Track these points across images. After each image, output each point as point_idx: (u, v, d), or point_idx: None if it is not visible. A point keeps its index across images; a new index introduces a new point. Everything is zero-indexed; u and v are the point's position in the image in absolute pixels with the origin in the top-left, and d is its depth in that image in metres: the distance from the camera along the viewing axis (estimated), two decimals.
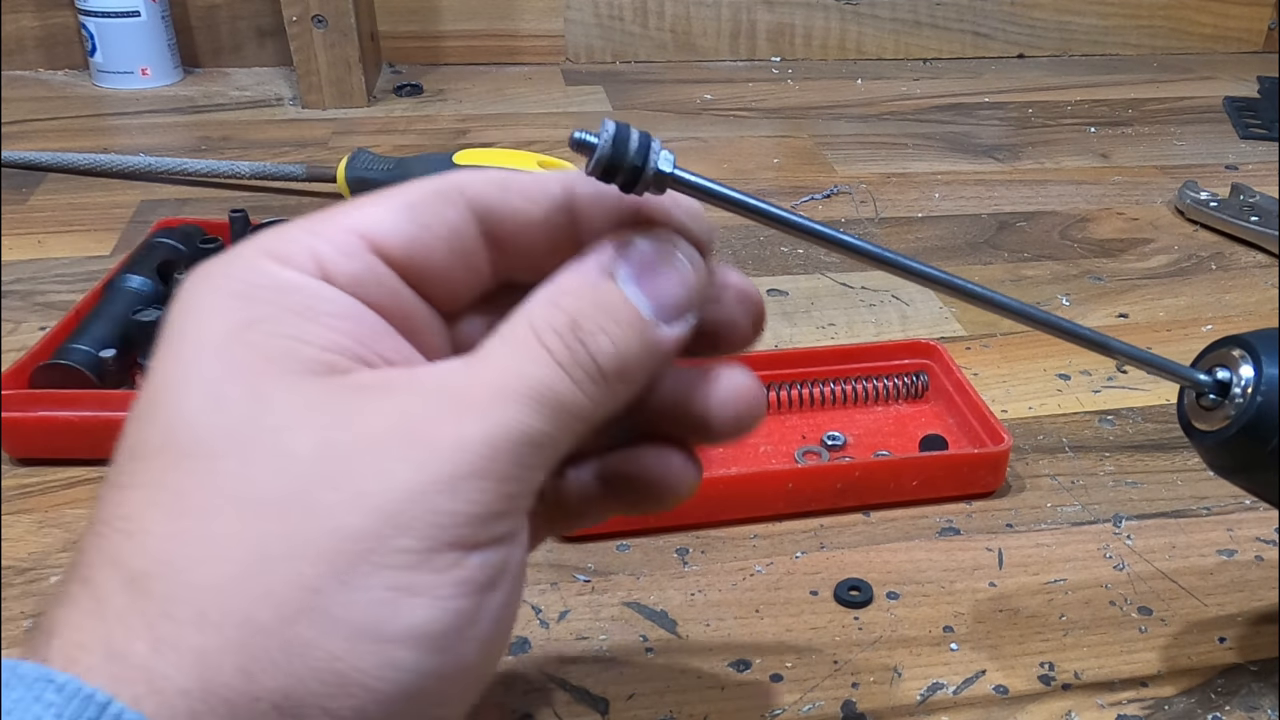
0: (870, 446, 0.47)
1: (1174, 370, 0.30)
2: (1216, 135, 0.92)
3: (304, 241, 0.21)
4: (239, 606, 0.18)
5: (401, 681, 0.19)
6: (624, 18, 1.05)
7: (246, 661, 0.18)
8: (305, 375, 0.20)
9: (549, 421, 0.20)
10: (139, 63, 0.93)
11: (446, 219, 0.22)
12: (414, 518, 0.19)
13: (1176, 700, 0.35)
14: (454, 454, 0.19)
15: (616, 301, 0.22)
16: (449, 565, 0.19)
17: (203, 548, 0.18)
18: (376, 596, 0.18)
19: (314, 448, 0.19)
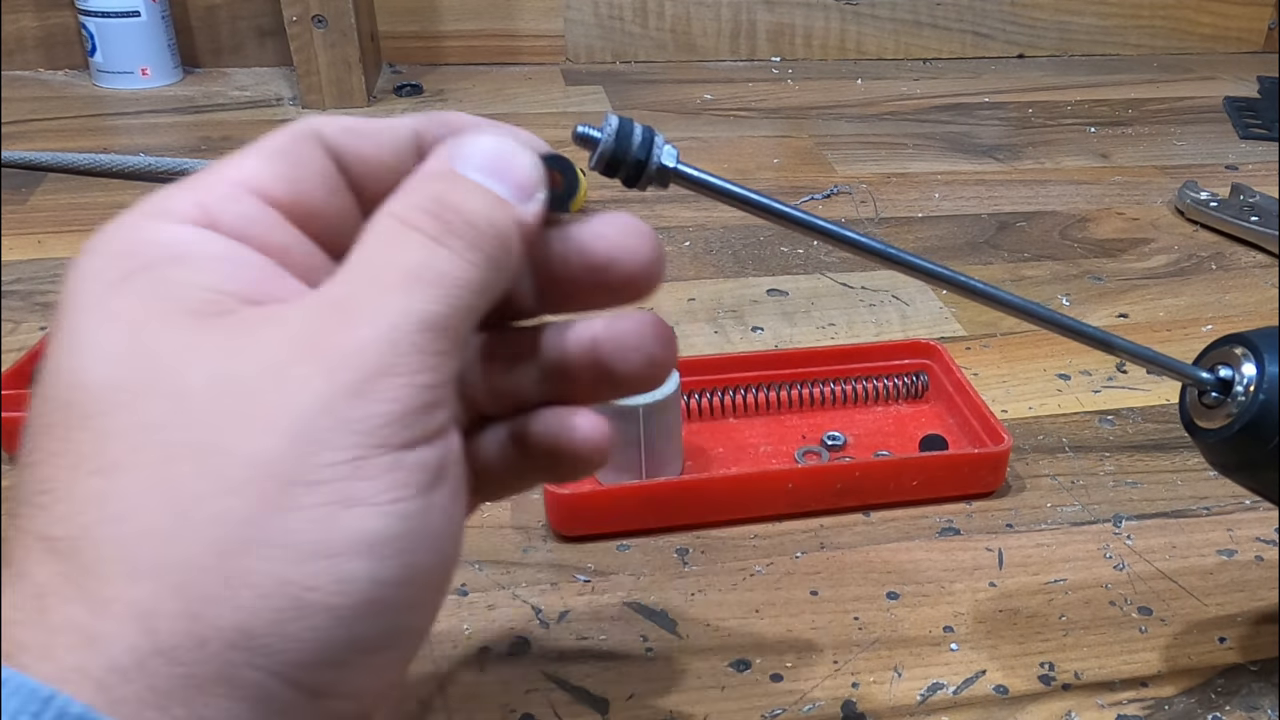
0: (870, 446, 0.47)
1: (1176, 368, 0.30)
2: (1216, 135, 0.92)
3: (185, 196, 0.21)
4: (171, 553, 0.18)
5: (358, 593, 0.18)
6: (624, 18, 1.05)
7: (189, 604, 0.17)
8: (189, 316, 0.19)
9: (441, 301, 0.20)
10: (139, 63, 0.93)
11: (314, 159, 0.22)
12: (331, 430, 0.18)
13: (1176, 700, 0.35)
14: (354, 358, 0.19)
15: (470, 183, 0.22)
16: (385, 469, 0.19)
17: (119, 502, 0.18)
18: (314, 514, 0.18)
19: (209, 382, 0.19)
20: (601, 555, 0.41)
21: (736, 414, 0.49)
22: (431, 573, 0.20)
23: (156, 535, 0.18)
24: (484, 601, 0.38)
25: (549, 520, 0.42)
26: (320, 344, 0.19)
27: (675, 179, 0.23)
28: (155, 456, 0.18)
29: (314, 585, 0.18)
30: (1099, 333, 0.28)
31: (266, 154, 0.22)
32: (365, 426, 0.19)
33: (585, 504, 0.41)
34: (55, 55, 0.98)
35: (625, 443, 0.42)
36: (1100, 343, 0.28)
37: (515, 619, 0.38)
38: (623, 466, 0.43)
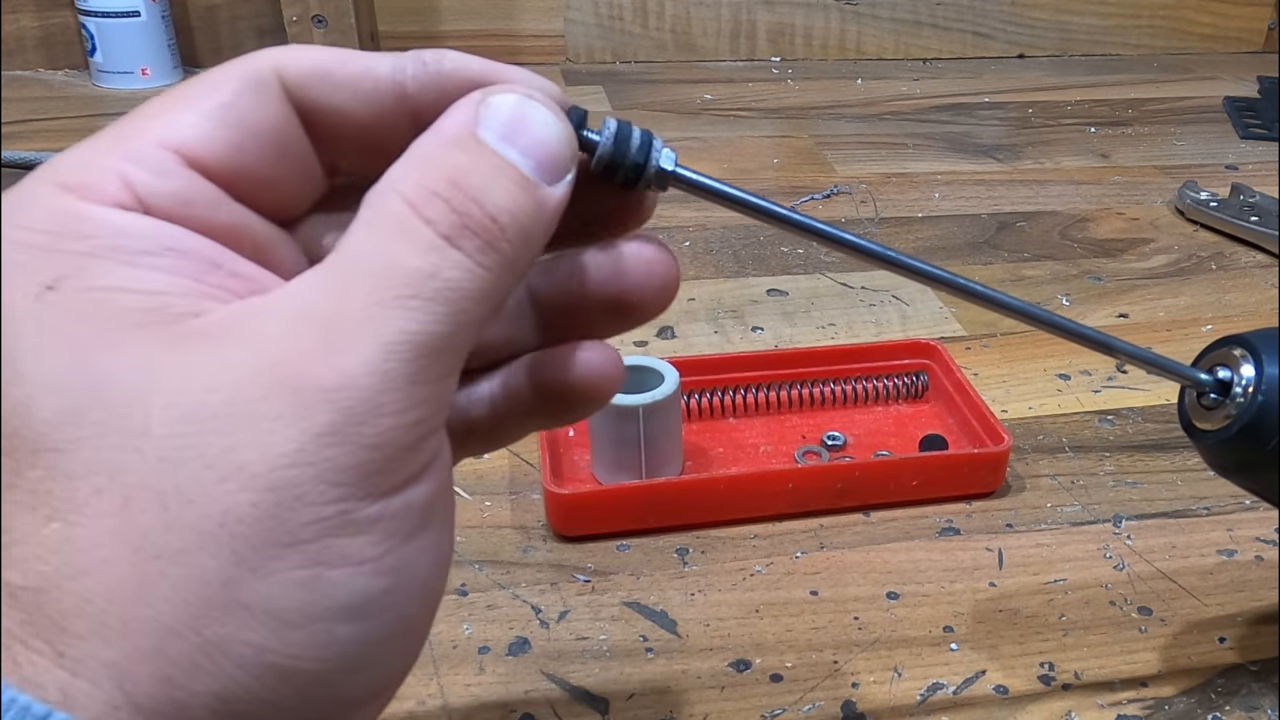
0: (870, 446, 0.47)
1: (1175, 369, 0.30)
2: (1216, 135, 0.92)
3: (109, 166, 0.18)
4: (142, 614, 0.16)
5: (344, 655, 0.17)
6: (624, 18, 1.05)
7: (164, 668, 0.16)
8: (136, 330, 0.17)
9: (444, 320, 0.17)
10: (139, 63, 0.93)
11: (267, 117, 0.19)
12: (310, 481, 0.16)
13: (1176, 700, 0.35)
14: (334, 396, 0.16)
15: (494, 159, 0.19)
16: (371, 521, 0.17)
17: (81, 554, 0.16)
18: (293, 578, 0.16)
19: (169, 419, 0.16)
20: (601, 555, 0.41)
21: (736, 414, 0.49)
22: (418, 615, 0.19)
23: (125, 593, 0.16)
24: (484, 601, 0.38)
25: (549, 520, 0.42)
26: (297, 374, 0.17)
27: (674, 182, 0.23)
28: (117, 504, 0.16)
29: (295, 654, 0.17)
30: (1096, 334, 0.28)
31: (208, 109, 0.19)
32: (349, 477, 0.17)
33: (585, 504, 0.41)
34: (55, 55, 0.98)
35: (625, 443, 0.42)
36: (1098, 344, 0.28)
37: (515, 619, 0.38)
38: (623, 466, 0.43)
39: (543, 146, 0.19)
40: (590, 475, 0.44)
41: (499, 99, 0.19)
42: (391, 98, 0.20)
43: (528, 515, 0.43)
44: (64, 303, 0.17)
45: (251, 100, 0.19)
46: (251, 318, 0.17)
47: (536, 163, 0.19)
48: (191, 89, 0.19)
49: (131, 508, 0.16)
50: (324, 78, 0.20)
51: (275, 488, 0.16)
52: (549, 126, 0.20)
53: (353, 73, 0.20)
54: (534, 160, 0.19)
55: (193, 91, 0.19)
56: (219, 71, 0.19)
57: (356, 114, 0.20)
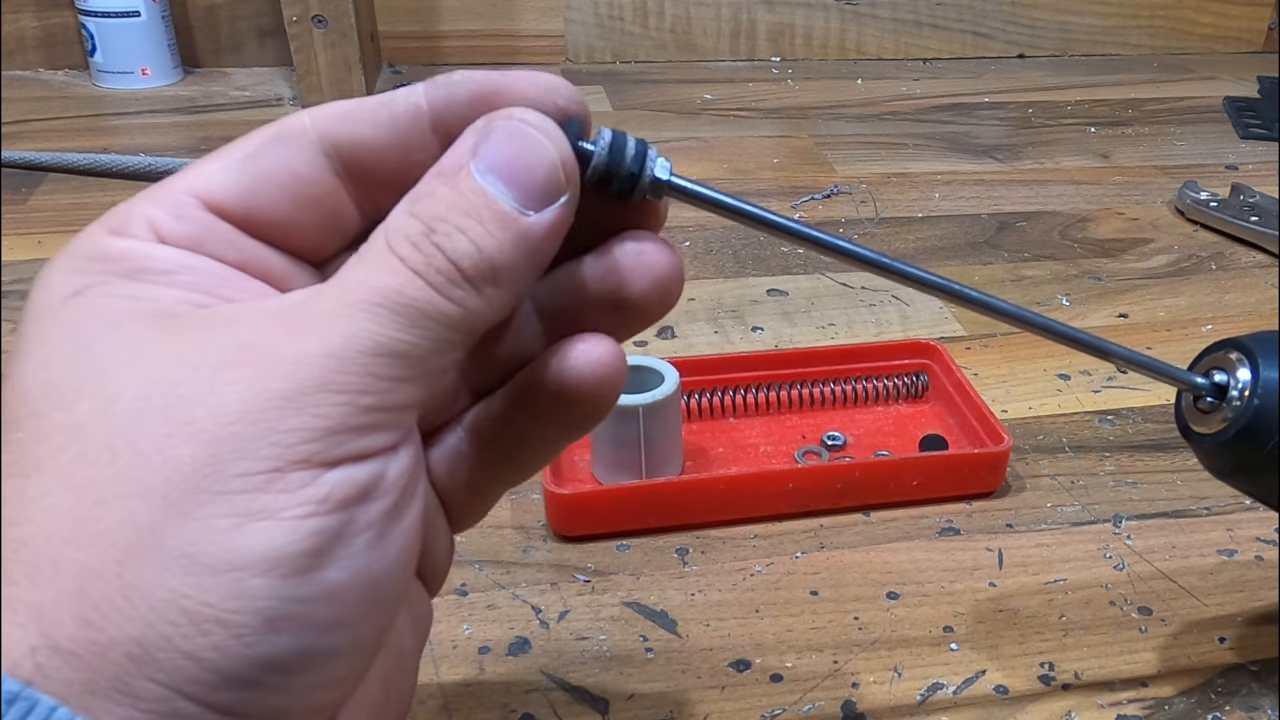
0: (870, 446, 0.47)
1: (1170, 373, 0.30)
2: (1216, 135, 0.92)
3: (139, 210, 0.21)
4: (70, 555, 0.17)
5: (259, 610, 0.17)
6: (624, 18, 1.05)
7: (85, 610, 0.17)
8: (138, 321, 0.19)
9: (406, 330, 0.19)
10: (139, 63, 0.93)
11: (288, 165, 0.21)
12: (251, 439, 0.18)
13: (1176, 700, 0.35)
14: (291, 369, 0.18)
15: (473, 197, 0.20)
16: (299, 485, 0.18)
17: (30, 503, 0.17)
18: (216, 525, 0.17)
19: (140, 384, 0.18)
20: (601, 555, 0.41)
21: (736, 414, 0.49)
22: (350, 591, 0.19)
23: (59, 536, 0.17)
24: (484, 601, 0.38)
25: (549, 520, 0.42)
26: (263, 351, 0.18)
27: (669, 191, 0.23)
28: (73, 455, 0.18)
29: (210, 601, 0.17)
30: (1091, 338, 0.28)
31: (232, 160, 0.21)
32: (289, 439, 0.18)
33: (585, 504, 0.41)
34: (55, 55, 0.98)
35: (625, 443, 0.42)
36: (1093, 348, 0.28)
37: (515, 619, 0.38)
38: (623, 466, 0.43)
39: (530, 175, 0.20)
40: (590, 475, 0.44)
41: (497, 126, 0.21)
42: (409, 121, 0.22)
43: (528, 515, 0.43)
44: (84, 303, 0.19)
45: (274, 150, 0.21)
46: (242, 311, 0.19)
47: (523, 192, 0.20)
48: (229, 145, 0.22)
49: (84, 460, 0.18)
50: (344, 117, 0.21)
51: (217, 440, 0.18)
52: (536, 155, 0.20)
53: (370, 106, 0.22)
54: (520, 190, 0.20)
55: (227, 147, 0.22)
56: (258, 129, 0.22)
57: (379, 141, 0.21)
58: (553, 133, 0.21)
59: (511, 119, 0.21)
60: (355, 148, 0.22)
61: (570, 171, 0.21)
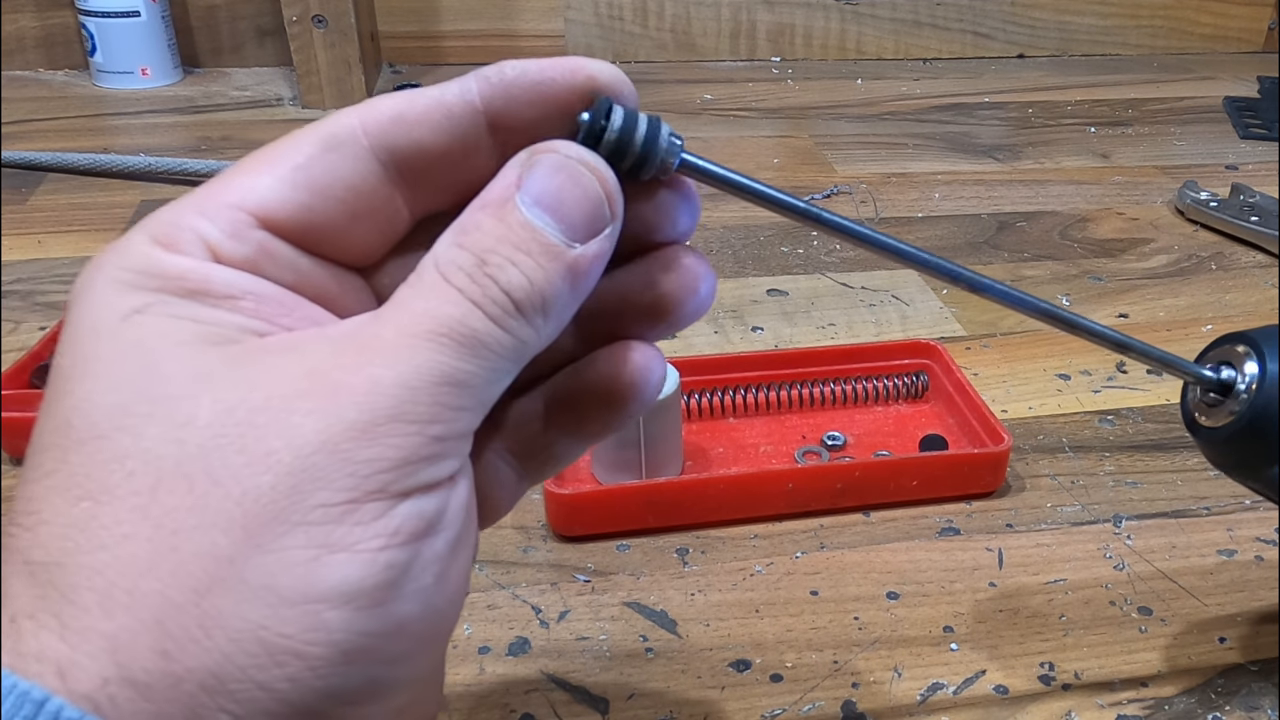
0: (870, 446, 0.47)
1: (1178, 365, 0.30)
2: (1216, 135, 0.92)
3: (191, 224, 0.20)
4: (148, 585, 0.17)
5: (334, 643, 0.18)
6: (624, 18, 1.05)
7: (161, 641, 0.17)
8: (204, 345, 0.19)
9: (468, 360, 0.19)
10: (139, 63, 0.93)
11: (342, 175, 0.21)
12: (329, 470, 0.18)
13: (1176, 700, 0.35)
14: (366, 399, 0.18)
15: (521, 230, 0.20)
16: (374, 516, 0.18)
17: (103, 530, 0.17)
18: (295, 557, 0.17)
19: (213, 412, 0.18)
20: (601, 555, 0.41)
21: (736, 414, 0.49)
22: (417, 623, 0.19)
23: (136, 566, 0.17)
24: (484, 601, 0.38)
25: (549, 520, 0.42)
26: (335, 380, 0.18)
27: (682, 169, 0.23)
28: (147, 483, 0.17)
29: (288, 633, 0.17)
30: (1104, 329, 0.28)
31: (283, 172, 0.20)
32: (364, 470, 0.18)
33: (585, 504, 0.41)
34: (55, 55, 0.98)
35: (625, 443, 0.42)
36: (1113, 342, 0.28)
37: (515, 619, 0.38)
38: (623, 466, 0.43)
39: (577, 208, 0.20)
40: (590, 475, 0.44)
41: (541, 160, 0.21)
42: (466, 121, 0.21)
43: (528, 515, 0.43)
44: (146, 323, 0.19)
45: (326, 160, 0.21)
46: (303, 341, 0.19)
47: (569, 226, 0.20)
48: (274, 149, 0.21)
49: (160, 489, 0.17)
50: (398, 120, 0.21)
51: (295, 472, 0.17)
52: (584, 188, 0.21)
53: (423, 107, 0.21)
54: (567, 224, 0.20)
55: (274, 152, 0.21)
56: (304, 131, 0.21)
57: (437, 146, 0.21)
58: (597, 166, 0.21)
59: (556, 153, 0.21)
60: (411, 152, 0.21)
61: (614, 203, 0.21)
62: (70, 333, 0.19)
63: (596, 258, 0.21)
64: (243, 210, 0.20)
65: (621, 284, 0.24)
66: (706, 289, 0.24)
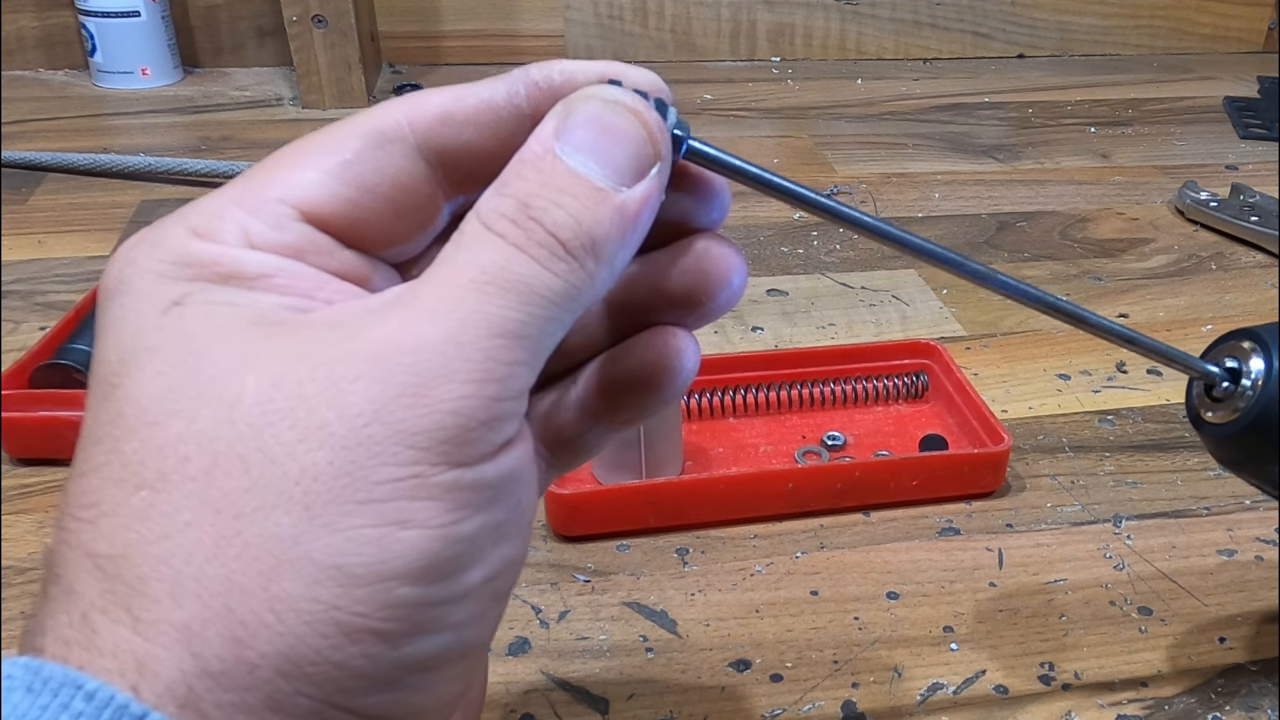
0: (870, 446, 0.47)
1: (1185, 360, 0.30)
2: (1216, 135, 0.92)
3: (231, 216, 0.20)
4: (215, 572, 0.17)
5: (409, 618, 0.17)
6: (624, 18, 1.05)
7: (234, 628, 0.16)
8: (246, 327, 0.18)
9: (518, 308, 0.18)
10: (139, 63, 0.93)
11: (389, 173, 0.20)
12: (387, 442, 0.17)
13: (1176, 700, 0.35)
14: (414, 359, 0.17)
15: (564, 177, 0.19)
16: (440, 490, 0.18)
17: (164, 519, 0.17)
18: (364, 535, 0.17)
19: (260, 388, 0.17)
20: (601, 555, 0.41)
21: (736, 414, 0.49)
22: (486, 589, 0.19)
23: (200, 552, 0.17)
24: None
25: (549, 520, 0.42)
26: (378, 341, 0.18)
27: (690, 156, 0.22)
28: (202, 467, 0.17)
29: (362, 612, 0.17)
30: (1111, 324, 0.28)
31: (330, 166, 0.20)
32: (425, 441, 0.17)
33: (585, 504, 0.41)
34: (55, 55, 0.98)
35: (625, 443, 0.42)
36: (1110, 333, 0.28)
37: (515, 619, 0.38)
38: (623, 466, 0.43)
39: (620, 150, 0.20)
40: (590, 475, 0.44)
41: (578, 108, 0.20)
42: (513, 123, 0.21)
43: None
44: (186, 312, 0.19)
45: (373, 156, 0.20)
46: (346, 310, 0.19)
47: (614, 169, 0.20)
48: (318, 141, 0.20)
49: (216, 471, 0.17)
50: (446, 121, 0.21)
51: (352, 445, 0.17)
52: (625, 129, 0.20)
53: (471, 109, 0.21)
54: (611, 167, 0.20)
55: (318, 145, 0.20)
56: (349, 124, 0.20)
57: (485, 147, 0.21)
58: (638, 106, 0.21)
59: (593, 98, 0.20)
60: (458, 153, 0.21)
61: (659, 142, 0.21)
62: (110, 328, 0.19)
63: (646, 199, 0.20)
64: (285, 204, 0.20)
65: (653, 273, 0.23)
66: (740, 280, 0.24)
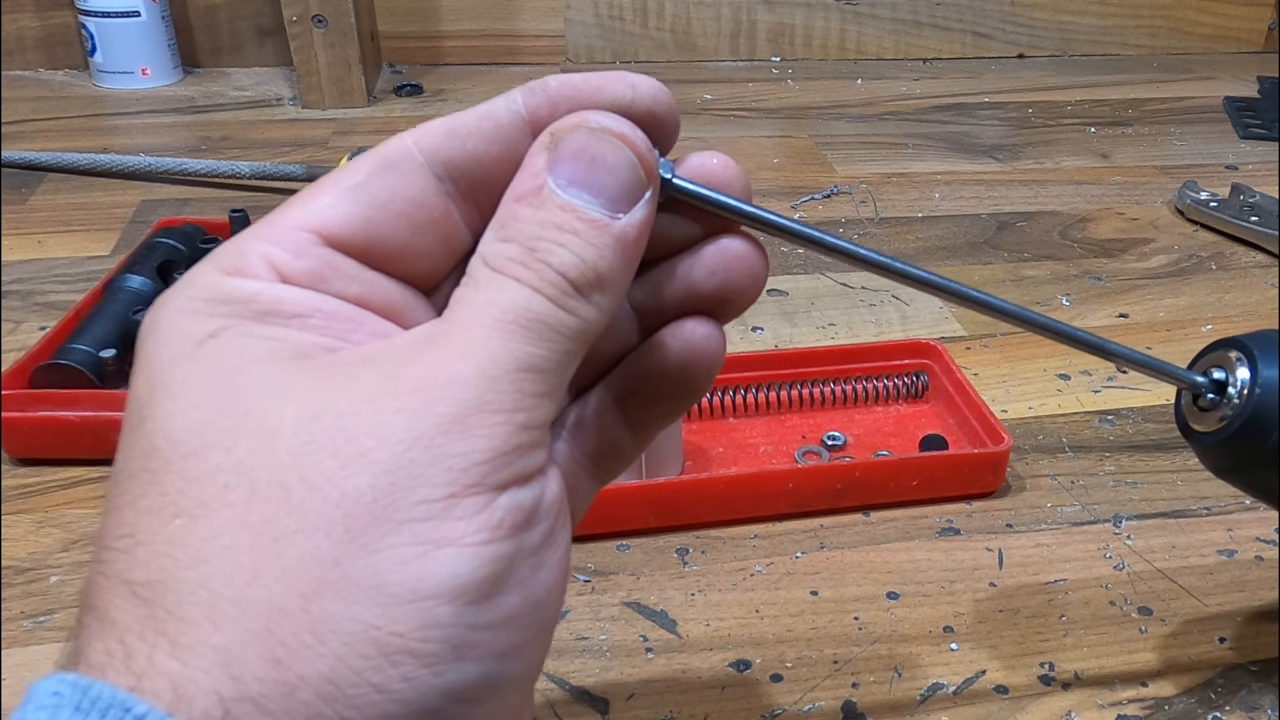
0: (870, 446, 0.47)
1: (1170, 372, 0.30)
2: (1216, 135, 0.92)
3: (255, 249, 0.20)
4: (254, 594, 0.17)
5: (447, 639, 0.18)
6: (624, 18, 1.05)
7: (273, 650, 0.17)
8: (280, 362, 0.19)
9: (540, 344, 0.19)
10: (139, 63, 0.93)
11: (400, 190, 0.21)
12: (426, 465, 0.18)
13: (1176, 700, 0.35)
14: (451, 391, 0.18)
15: (562, 212, 0.20)
16: (476, 510, 0.18)
17: (203, 543, 0.17)
18: (403, 554, 0.17)
19: (299, 421, 0.18)
20: (601, 555, 0.41)
21: (736, 414, 0.49)
22: (522, 618, 0.19)
23: (239, 575, 0.17)
24: None
25: None
26: (417, 378, 0.18)
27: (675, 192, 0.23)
28: (242, 495, 0.17)
29: (401, 631, 0.17)
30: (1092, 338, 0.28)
31: (342, 190, 0.21)
32: (460, 464, 0.18)
33: None
34: (55, 55, 0.98)
35: None
36: (1094, 348, 0.28)
37: None
38: None
39: (611, 179, 0.20)
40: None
41: (566, 139, 0.21)
42: (514, 131, 0.21)
43: None
44: (220, 346, 0.19)
45: (384, 178, 0.21)
46: (376, 350, 0.20)
47: (608, 199, 0.20)
48: (331, 176, 0.21)
49: (255, 497, 0.17)
50: (449, 134, 0.21)
51: (393, 470, 0.18)
52: (614, 158, 0.21)
53: (473, 121, 0.21)
54: (605, 197, 0.20)
55: (331, 178, 0.21)
56: (360, 158, 0.21)
57: (490, 154, 0.21)
58: (624, 130, 0.21)
59: (580, 128, 0.21)
60: (466, 165, 0.21)
61: (649, 166, 0.21)
62: (144, 364, 0.20)
63: (643, 224, 0.21)
64: (303, 229, 0.20)
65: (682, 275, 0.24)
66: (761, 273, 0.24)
